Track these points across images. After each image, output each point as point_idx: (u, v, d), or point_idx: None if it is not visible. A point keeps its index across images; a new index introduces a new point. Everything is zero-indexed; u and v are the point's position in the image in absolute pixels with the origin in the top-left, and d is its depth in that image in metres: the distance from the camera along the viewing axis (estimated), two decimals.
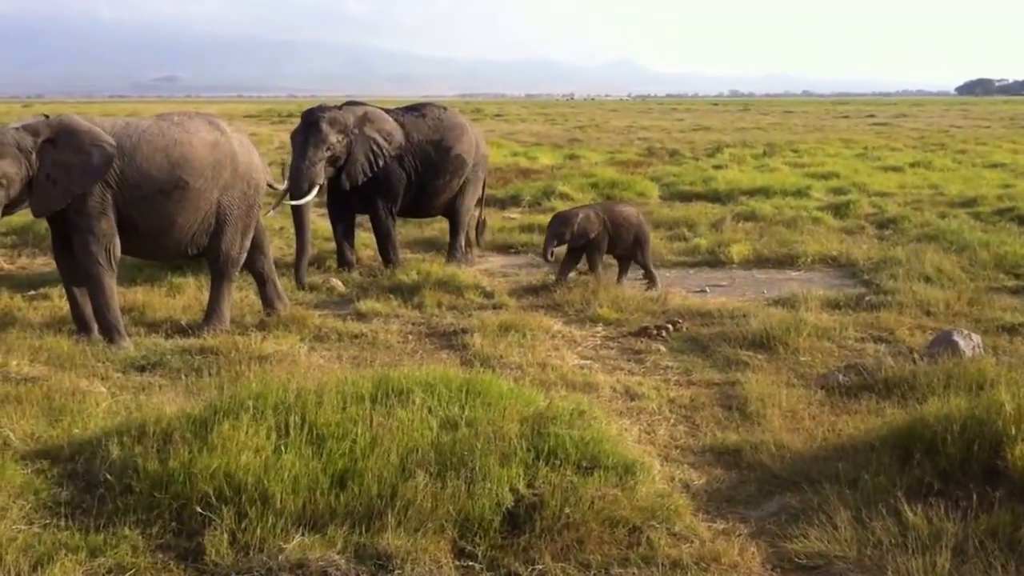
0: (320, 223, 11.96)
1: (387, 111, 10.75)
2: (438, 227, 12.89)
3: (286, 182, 9.76)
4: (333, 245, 11.11)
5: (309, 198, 9.96)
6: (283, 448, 4.52)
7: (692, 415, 6.17)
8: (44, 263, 10.73)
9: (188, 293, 9.18)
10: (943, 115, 61.52)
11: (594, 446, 4.77)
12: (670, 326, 8.15)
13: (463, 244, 11.38)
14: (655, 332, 8.02)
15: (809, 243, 11.88)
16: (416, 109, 11.20)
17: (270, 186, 8.80)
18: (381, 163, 10.28)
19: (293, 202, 9.83)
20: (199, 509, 4.21)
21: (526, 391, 5.50)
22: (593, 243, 9.63)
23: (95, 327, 7.66)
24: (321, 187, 10.11)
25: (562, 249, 9.90)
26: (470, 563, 4.07)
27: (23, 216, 7.53)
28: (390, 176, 10.48)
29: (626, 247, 9.88)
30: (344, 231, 10.80)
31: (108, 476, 4.56)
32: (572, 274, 9.78)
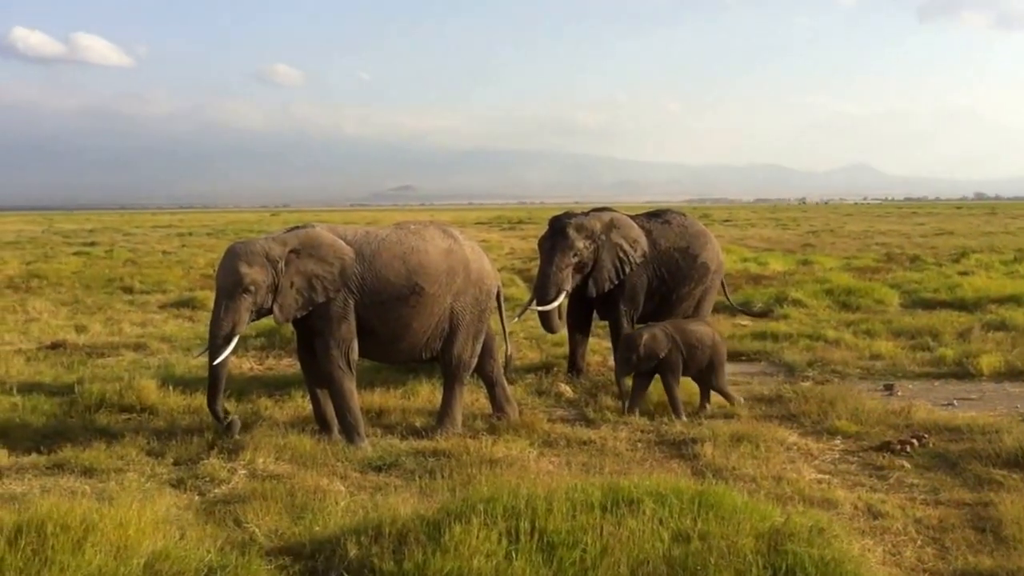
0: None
1: (631, 217, 10.81)
2: None
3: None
4: (561, 350, 11.15)
5: (555, 304, 10.08)
6: (514, 553, 4.54)
7: (941, 537, 5.80)
8: (289, 364, 11.26)
9: (422, 396, 9.41)
10: None
11: (835, 567, 4.57)
12: (915, 441, 7.75)
13: None
14: (899, 447, 7.64)
15: None
16: (659, 216, 11.19)
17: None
18: (628, 269, 10.34)
19: (540, 308, 10.01)
20: None
21: (761, 505, 5.35)
22: (665, 364, 8.95)
23: (336, 427, 7.97)
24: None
25: None
26: None
27: (270, 320, 7.94)
28: (635, 283, 10.52)
29: (700, 368, 9.14)
30: (580, 337, 10.86)
31: (346, 575, 4.67)
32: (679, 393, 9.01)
